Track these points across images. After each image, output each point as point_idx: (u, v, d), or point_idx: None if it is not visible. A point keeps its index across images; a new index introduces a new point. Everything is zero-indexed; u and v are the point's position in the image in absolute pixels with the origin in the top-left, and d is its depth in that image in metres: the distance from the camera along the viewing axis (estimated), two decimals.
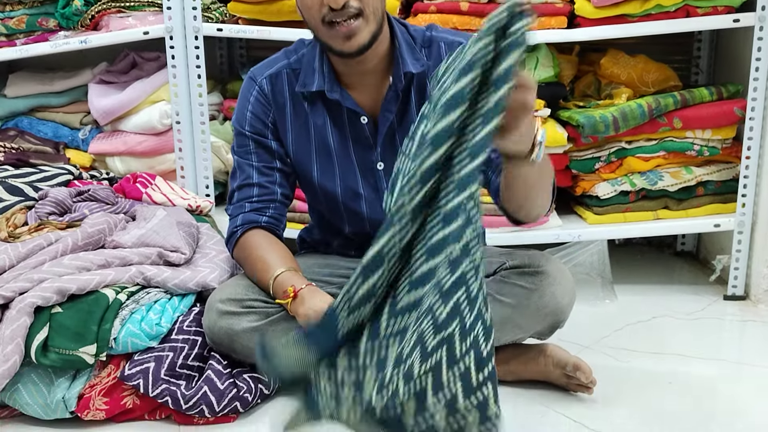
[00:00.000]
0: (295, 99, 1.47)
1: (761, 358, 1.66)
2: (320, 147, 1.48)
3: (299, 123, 1.48)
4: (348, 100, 1.44)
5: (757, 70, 1.90)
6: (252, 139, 1.48)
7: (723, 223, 2.01)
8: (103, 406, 1.34)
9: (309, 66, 1.45)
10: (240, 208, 1.49)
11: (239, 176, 1.51)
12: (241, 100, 1.50)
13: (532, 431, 1.34)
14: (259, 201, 1.49)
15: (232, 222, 1.50)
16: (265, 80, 1.48)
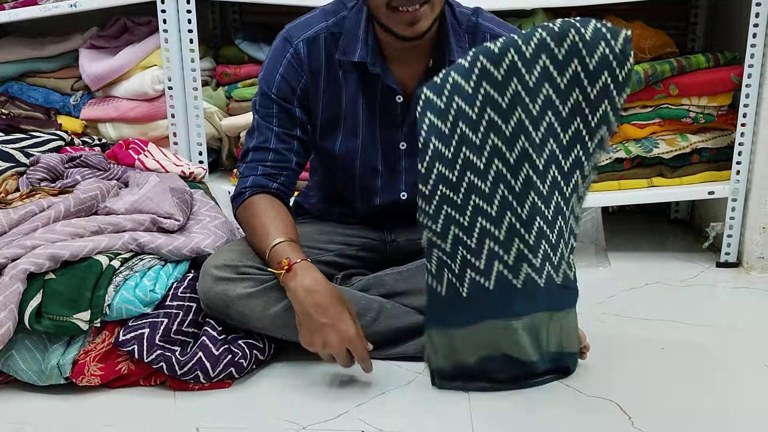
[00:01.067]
0: (330, 65, 1.43)
1: (753, 324, 1.67)
2: (349, 118, 1.46)
3: (331, 91, 1.44)
4: (389, 76, 1.41)
5: (755, 37, 1.89)
6: (276, 102, 1.44)
7: (717, 191, 2.01)
8: (97, 372, 1.35)
9: (352, 33, 1.41)
10: (252, 170, 1.45)
11: (257, 137, 1.46)
12: (272, 59, 1.45)
13: (525, 396, 1.35)
14: (273, 167, 1.45)
15: (241, 181, 1.46)
16: (302, 43, 1.42)
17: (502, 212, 1.27)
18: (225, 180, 2.17)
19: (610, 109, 1.23)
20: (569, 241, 1.33)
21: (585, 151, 1.26)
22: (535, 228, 1.27)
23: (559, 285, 1.33)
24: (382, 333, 1.46)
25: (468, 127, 1.23)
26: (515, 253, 1.28)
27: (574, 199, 1.31)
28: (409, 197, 1.51)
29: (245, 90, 2.10)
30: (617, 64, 1.20)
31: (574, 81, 1.22)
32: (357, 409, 1.31)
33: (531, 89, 1.22)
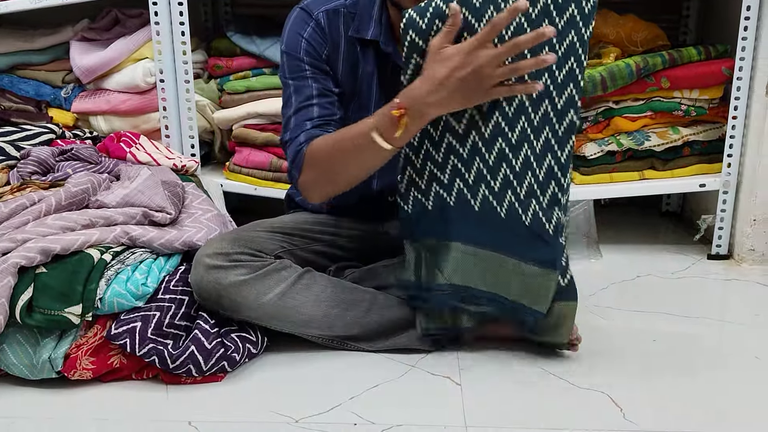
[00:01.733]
0: (348, 40, 1.45)
1: (744, 316, 1.68)
2: (363, 93, 1.47)
3: (350, 65, 1.46)
4: (398, 56, 1.41)
5: (746, 30, 1.89)
6: (308, 63, 1.43)
7: (708, 183, 2.02)
8: (89, 366, 1.34)
9: (366, 12, 1.43)
10: (301, 127, 1.39)
11: (296, 99, 1.42)
12: (293, 28, 1.44)
13: (517, 388, 1.35)
14: (321, 119, 1.41)
15: (294, 142, 1.39)
16: (322, 14, 1.44)
17: (467, 131, 1.33)
18: (217, 173, 2.17)
19: (576, 40, 1.28)
20: (546, 185, 1.33)
21: (554, 81, 1.30)
22: (495, 149, 1.32)
23: (528, 228, 1.34)
24: (375, 324, 1.47)
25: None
26: (475, 173, 1.34)
27: (549, 136, 1.32)
28: None
29: (237, 83, 2.10)
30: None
31: (543, 11, 1.27)
32: (350, 402, 1.31)
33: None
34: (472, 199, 1.35)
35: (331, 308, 1.45)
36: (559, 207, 1.35)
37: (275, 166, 2.07)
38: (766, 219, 1.95)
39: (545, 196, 1.34)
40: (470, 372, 1.41)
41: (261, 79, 2.09)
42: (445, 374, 1.40)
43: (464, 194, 1.35)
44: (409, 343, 1.48)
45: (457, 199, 1.36)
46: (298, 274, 1.45)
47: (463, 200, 1.36)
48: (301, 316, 1.43)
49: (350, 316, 1.46)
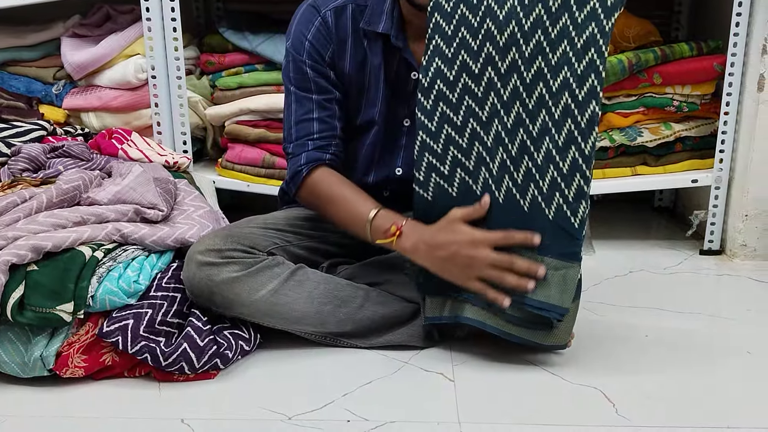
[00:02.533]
0: (356, 35, 1.45)
1: (736, 311, 1.69)
2: (372, 88, 1.48)
3: (357, 61, 1.46)
4: (408, 51, 1.43)
5: (737, 26, 1.89)
6: (311, 67, 1.45)
7: (700, 179, 2.02)
8: (81, 364, 1.34)
9: (378, 6, 1.43)
10: (302, 147, 1.46)
11: (297, 110, 1.47)
12: (299, 26, 1.46)
13: (511, 384, 1.35)
14: (321, 138, 1.46)
15: (294, 161, 1.46)
16: (330, 12, 1.44)
17: (490, 118, 1.33)
18: (210, 169, 2.16)
19: (597, 32, 1.27)
20: (571, 177, 1.30)
21: (573, 73, 1.28)
22: (517, 140, 1.31)
23: (552, 221, 1.31)
24: (368, 320, 1.47)
25: (468, 33, 1.32)
26: (499, 162, 1.33)
27: (572, 128, 1.30)
28: (404, 173, 1.53)
29: (230, 79, 2.09)
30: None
31: (564, 4, 1.27)
32: (343, 399, 1.31)
33: (526, 6, 1.28)
34: (497, 191, 1.33)
35: (323, 305, 1.45)
36: (585, 200, 1.31)
37: (268, 162, 2.07)
38: (758, 214, 1.96)
39: (570, 189, 1.31)
40: (464, 368, 1.41)
41: (253, 76, 2.08)
42: (439, 370, 1.40)
43: (489, 184, 1.33)
44: (402, 340, 1.48)
45: (483, 188, 1.34)
46: (290, 271, 1.45)
47: (488, 190, 1.34)
48: (294, 313, 1.43)
49: (343, 312, 1.46)
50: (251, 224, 1.50)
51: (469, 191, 1.36)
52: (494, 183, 1.33)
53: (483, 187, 1.34)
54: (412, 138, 1.50)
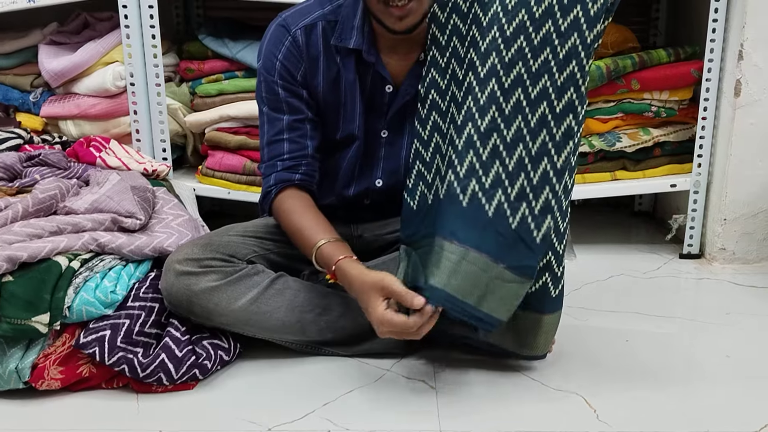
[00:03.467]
0: (328, 52, 1.44)
1: (715, 315, 1.70)
2: (348, 103, 1.47)
3: (330, 78, 1.45)
4: (381, 65, 1.43)
5: (714, 32, 1.91)
6: (282, 87, 1.44)
7: (679, 183, 2.04)
8: (58, 376, 1.32)
9: (348, 21, 1.42)
10: (272, 168, 1.46)
11: (268, 130, 1.47)
12: (269, 46, 1.45)
13: (491, 391, 1.35)
14: (291, 158, 1.46)
15: (265, 181, 1.48)
16: (300, 31, 1.43)
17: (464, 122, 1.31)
18: (190, 177, 2.15)
19: (579, 43, 1.26)
20: (540, 189, 1.29)
21: (553, 83, 1.28)
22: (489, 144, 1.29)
23: (514, 231, 1.28)
24: (349, 329, 1.46)
25: (459, 42, 1.34)
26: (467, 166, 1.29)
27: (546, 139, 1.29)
28: (384, 185, 1.53)
29: (209, 86, 2.08)
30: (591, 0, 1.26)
31: (548, 11, 1.26)
32: (323, 409, 1.30)
33: (509, 11, 1.28)
34: (462, 194, 1.29)
35: (304, 313, 1.44)
36: (552, 215, 1.29)
37: (249, 169, 2.06)
38: (737, 218, 1.97)
39: (537, 202, 1.29)
40: (445, 375, 1.41)
41: (234, 82, 2.08)
42: (420, 378, 1.40)
43: (454, 187, 1.30)
44: (383, 348, 1.47)
45: (446, 192, 1.31)
46: (270, 279, 1.44)
47: (452, 193, 1.30)
48: (274, 322, 1.42)
49: (324, 320, 1.45)
50: (230, 233, 1.49)
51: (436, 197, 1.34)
52: (459, 186, 1.29)
53: (446, 189, 1.30)
54: (391, 149, 1.50)
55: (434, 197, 1.36)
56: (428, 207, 1.37)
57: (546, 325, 1.37)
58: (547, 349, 1.41)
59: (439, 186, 1.34)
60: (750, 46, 1.85)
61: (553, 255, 1.33)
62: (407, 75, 1.44)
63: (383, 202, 1.55)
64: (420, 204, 1.39)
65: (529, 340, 1.38)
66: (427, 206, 1.37)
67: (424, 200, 1.38)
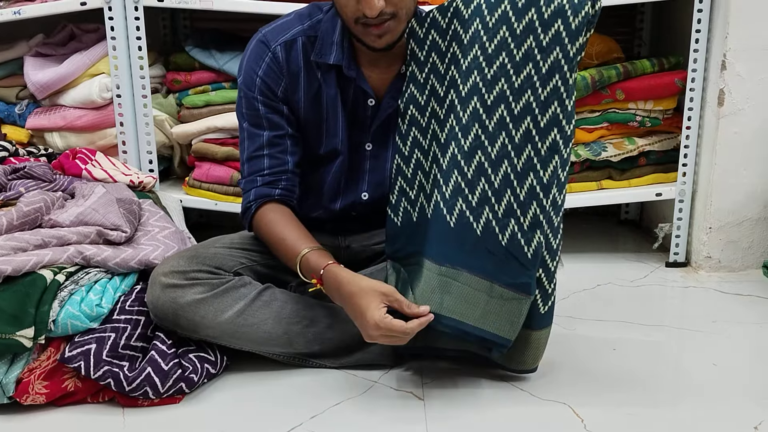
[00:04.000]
0: (308, 67, 1.44)
1: (701, 323, 1.70)
2: (330, 118, 1.47)
3: (312, 93, 1.45)
4: (362, 80, 1.43)
5: (697, 42, 1.93)
6: (262, 103, 1.44)
7: (664, 192, 2.05)
8: (43, 390, 1.31)
9: (327, 37, 1.42)
10: (252, 183, 1.46)
11: (249, 146, 1.46)
12: (250, 62, 1.45)
13: (479, 401, 1.35)
14: (271, 174, 1.45)
15: (244, 197, 1.47)
16: (280, 47, 1.43)
17: (448, 141, 1.31)
18: (177, 188, 2.14)
19: (561, 57, 1.26)
20: (528, 205, 1.29)
21: (537, 98, 1.28)
22: (474, 162, 1.30)
23: (504, 248, 1.29)
24: (337, 340, 1.46)
25: (438, 57, 1.35)
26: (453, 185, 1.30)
27: (531, 154, 1.29)
28: (370, 197, 1.53)
29: (196, 97, 2.08)
30: (571, 12, 1.25)
31: (528, 27, 1.27)
32: (311, 421, 1.30)
33: (489, 29, 1.28)
34: (448, 214, 1.30)
35: (291, 325, 1.44)
36: (542, 230, 1.29)
37: (236, 180, 2.05)
38: (722, 227, 1.99)
39: (526, 217, 1.29)
40: (433, 387, 1.41)
41: (221, 93, 2.07)
42: (408, 389, 1.40)
43: (440, 207, 1.30)
44: (371, 359, 1.47)
45: (433, 212, 1.31)
46: (257, 291, 1.44)
47: (439, 214, 1.31)
48: (262, 334, 1.42)
49: (311, 332, 1.45)
50: (217, 244, 1.49)
51: (423, 217, 1.34)
52: (446, 206, 1.30)
53: (434, 210, 1.31)
54: (376, 161, 1.50)
55: (419, 215, 1.36)
56: (414, 224, 1.37)
57: (534, 340, 1.37)
58: (536, 363, 1.41)
59: (426, 205, 1.34)
60: (733, 56, 1.87)
61: (544, 271, 1.33)
62: (389, 88, 1.45)
63: (370, 213, 1.55)
64: (404, 220, 1.39)
65: (517, 355, 1.38)
66: (413, 223, 1.37)
67: (408, 216, 1.38)
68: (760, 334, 1.65)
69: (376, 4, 1.28)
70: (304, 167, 1.53)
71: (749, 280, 1.95)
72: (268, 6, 1.93)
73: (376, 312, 1.26)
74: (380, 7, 1.28)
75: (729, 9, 1.85)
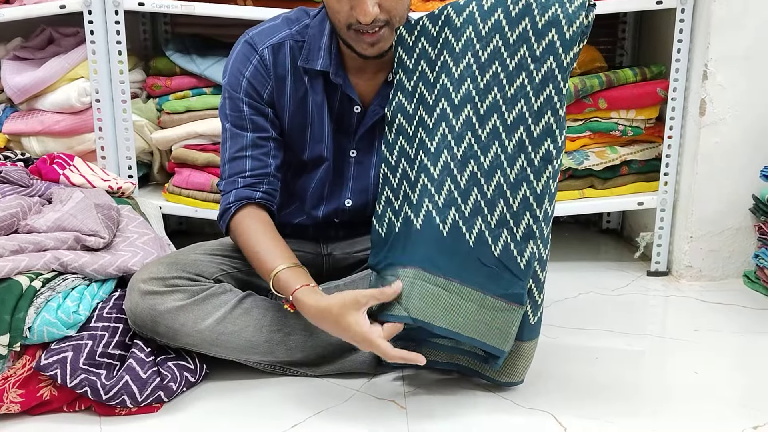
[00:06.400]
0: (295, 72, 1.43)
1: (683, 331, 1.71)
2: (316, 124, 1.46)
3: (298, 97, 1.44)
4: (349, 87, 1.42)
5: (679, 52, 1.94)
6: (247, 104, 1.43)
7: (646, 201, 2.06)
8: (17, 399, 1.28)
9: (315, 42, 1.41)
10: (232, 184, 1.43)
11: (231, 147, 1.44)
12: (236, 64, 1.43)
13: (463, 410, 1.34)
14: (252, 176, 1.43)
15: (224, 198, 1.44)
16: (267, 50, 1.42)
17: (439, 149, 1.30)
18: (157, 194, 2.12)
19: (555, 67, 1.25)
20: (521, 215, 1.28)
21: (530, 108, 1.27)
22: (467, 172, 1.29)
23: (497, 258, 1.28)
24: (318, 348, 1.44)
25: (427, 65, 1.33)
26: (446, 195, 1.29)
27: (524, 164, 1.27)
28: (354, 204, 1.52)
29: (177, 102, 2.06)
30: (566, 22, 1.24)
31: (522, 36, 1.26)
32: (292, 430, 1.28)
33: (482, 37, 1.28)
34: (441, 224, 1.28)
35: (272, 333, 1.42)
36: (534, 241, 1.28)
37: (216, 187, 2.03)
38: (703, 236, 2.00)
39: (519, 228, 1.28)
40: (415, 395, 1.39)
41: (201, 99, 2.06)
42: (390, 398, 1.39)
43: (433, 217, 1.28)
44: (353, 367, 1.46)
45: (424, 222, 1.29)
46: (238, 299, 1.42)
47: (431, 224, 1.29)
48: (242, 342, 1.40)
49: (293, 340, 1.43)
50: (197, 251, 1.47)
51: (410, 227, 1.31)
52: (438, 215, 1.29)
53: (425, 220, 1.29)
54: (360, 168, 1.49)
55: (403, 225, 1.33)
56: (395, 234, 1.34)
57: (525, 351, 1.36)
58: (524, 375, 1.40)
59: (410, 214, 1.31)
60: (714, 66, 1.89)
61: (534, 282, 1.32)
62: (375, 95, 1.44)
63: (352, 220, 1.54)
64: (387, 231, 1.37)
65: (507, 368, 1.37)
66: (394, 233, 1.35)
67: (391, 227, 1.36)
68: (740, 342, 1.66)
69: (371, 10, 1.27)
70: (288, 173, 1.52)
71: (730, 289, 1.97)
72: (250, 11, 1.92)
73: (363, 325, 1.24)
74: (374, 14, 1.28)
75: (710, 19, 1.86)
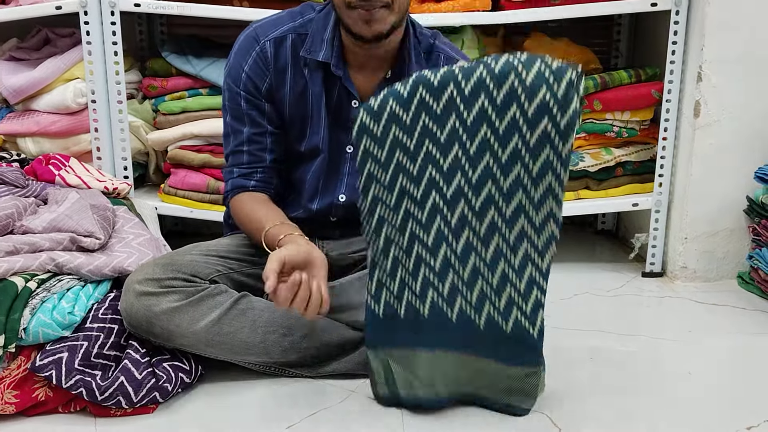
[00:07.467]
0: (296, 64, 1.46)
1: (677, 332, 1.72)
2: (315, 116, 1.48)
3: (297, 90, 1.47)
4: (348, 80, 1.44)
5: (673, 54, 1.95)
6: (245, 99, 1.47)
7: (641, 203, 2.06)
8: (12, 400, 1.28)
9: (318, 34, 1.44)
10: (230, 174, 1.53)
11: (232, 141, 1.52)
12: (238, 56, 1.47)
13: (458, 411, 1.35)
14: (248, 167, 1.51)
15: (225, 185, 1.55)
16: (269, 43, 1.45)
17: (437, 244, 1.27)
18: (152, 195, 2.12)
19: (553, 157, 1.19)
20: (529, 292, 1.26)
21: (530, 199, 1.22)
22: (469, 265, 1.27)
23: (509, 335, 1.28)
24: (314, 349, 1.44)
25: (405, 155, 1.26)
26: (449, 285, 1.28)
27: (529, 251, 1.25)
28: (347, 200, 1.52)
29: (172, 103, 2.06)
30: (558, 110, 1.16)
31: (513, 126, 1.19)
32: (287, 431, 1.28)
33: (469, 128, 1.22)
34: (449, 310, 1.28)
35: (268, 334, 1.42)
36: (543, 307, 1.27)
37: (212, 188, 2.04)
38: (697, 237, 2.00)
39: (528, 303, 1.26)
40: None
41: (197, 100, 2.06)
42: None
43: (439, 306, 1.28)
44: (349, 368, 1.46)
45: (431, 311, 1.28)
46: (234, 299, 1.42)
47: (438, 312, 1.28)
48: (238, 343, 1.40)
49: (288, 341, 1.43)
50: (193, 251, 1.47)
51: (417, 315, 1.30)
52: (446, 303, 1.28)
53: (431, 309, 1.28)
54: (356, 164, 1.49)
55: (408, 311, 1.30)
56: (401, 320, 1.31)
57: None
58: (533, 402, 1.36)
59: (417, 301, 1.29)
60: (708, 67, 1.89)
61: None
62: (374, 92, 1.45)
63: (349, 218, 1.54)
64: (388, 313, 1.32)
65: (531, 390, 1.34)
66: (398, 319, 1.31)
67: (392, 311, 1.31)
68: (734, 343, 1.66)
69: None
70: (287, 164, 1.54)
71: (724, 290, 1.97)
72: (246, 12, 1.92)
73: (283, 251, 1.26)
74: None
75: (705, 21, 1.87)
